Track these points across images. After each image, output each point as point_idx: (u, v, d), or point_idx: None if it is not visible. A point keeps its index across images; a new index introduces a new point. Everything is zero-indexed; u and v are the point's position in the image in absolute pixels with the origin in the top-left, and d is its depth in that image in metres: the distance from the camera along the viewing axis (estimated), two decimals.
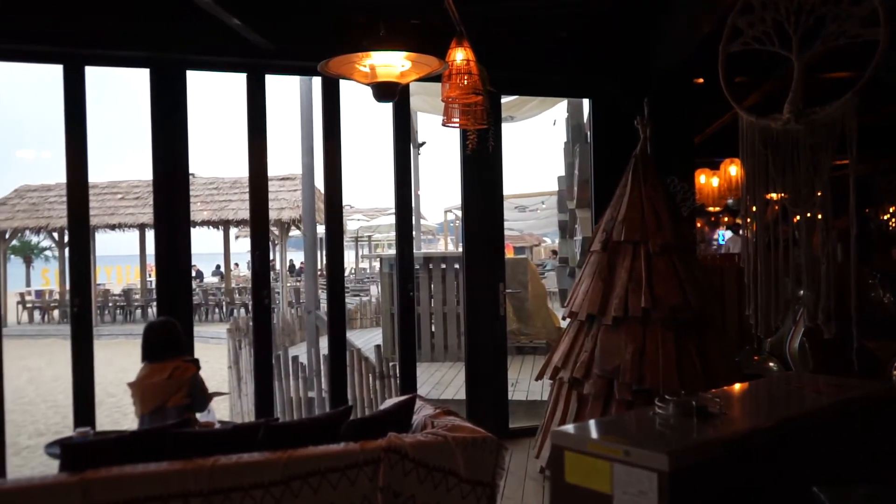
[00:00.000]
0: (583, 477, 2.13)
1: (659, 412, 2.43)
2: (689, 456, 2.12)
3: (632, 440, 2.18)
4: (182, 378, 4.17)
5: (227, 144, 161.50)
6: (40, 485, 2.74)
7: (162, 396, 4.13)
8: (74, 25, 5.03)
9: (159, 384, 4.15)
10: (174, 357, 4.23)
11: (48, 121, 52.11)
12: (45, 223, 21.22)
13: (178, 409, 4.11)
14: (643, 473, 2.01)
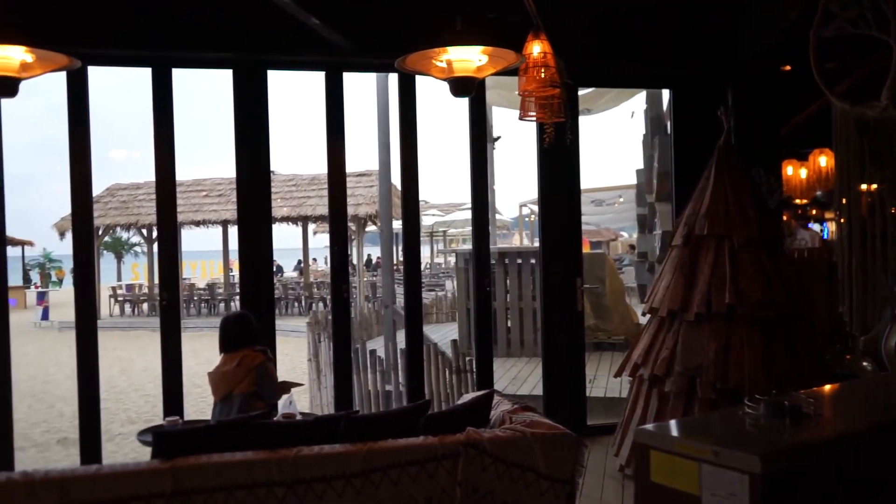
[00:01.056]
0: (669, 477, 2.08)
1: (749, 412, 2.35)
2: (782, 458, 2.04)
3: (721, 440, 2.11)
4: (249, 366, 4.29)
5: (305, 142, 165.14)
6: (135, 470, 2.85)
7: (229, 384, 4.28)
8: (163, 30, 5.22)
9: (228, 372, 4.30)
10: (245, 345, 4.37)
11: (138, 122, 54.34)
12: (134, 220, 22.14)
13: (245, 396, 4.22)
14: (733, 475, 1.94)
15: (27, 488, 2.71)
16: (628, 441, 5.05)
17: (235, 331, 4.43)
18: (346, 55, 5.43)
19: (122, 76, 72.84)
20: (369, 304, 14.24)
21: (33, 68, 3.50)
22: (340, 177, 5.64)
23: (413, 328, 5.77)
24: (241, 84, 5.42)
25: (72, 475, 2.81)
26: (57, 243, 23.82)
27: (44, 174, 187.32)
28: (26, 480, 2.74)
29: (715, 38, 5.96)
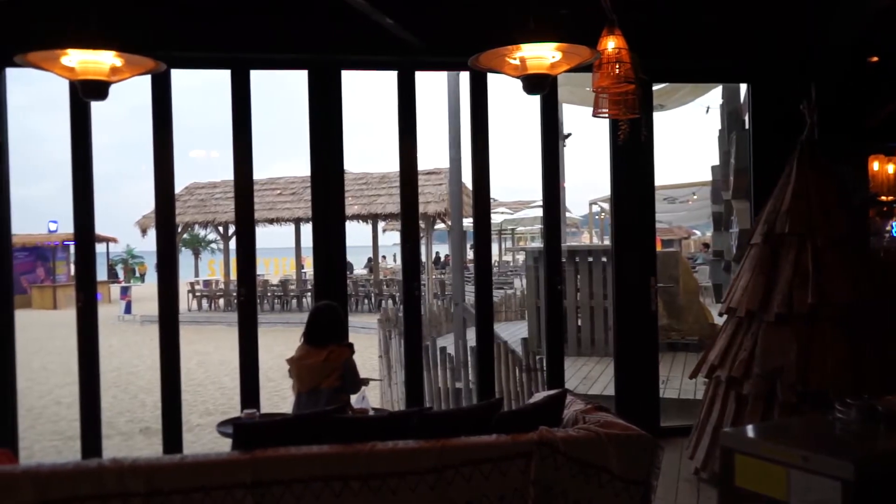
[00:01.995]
0: (755, 482, 2.02)
1: (840, 416, 2.26)
2: (877, 465, 1.96)
3: (810, 445, 2.04)
4: (336, 361, 4.35)
5: (375, 140, 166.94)
6: (216, 461, 2.94)
7: (317, 378, 4.34)
8: (241, 33, 5.36)
9: (316, 366, 4.35)
10: (332, 340, 4.42)
11: (217, 123, 55.90)
12: (211, 218, 22.81)
13: (331, 390, 4.30)
14: (825, 481, 1.87)
15: (117, 474, 2.83)
16: (704, 444, 4.93)
17: (325, 324, 4.48)
18: (418, 54, 5.47)
19: (202, 78, 75.19)
20: (438, 302, 14.30)
21: (122, 72, 3.64)
22: (412, 175, 5.68)
23: (484, 326, 5.77)
24: (316, 84, 5.52)
25: (158, 463, 2.92)
26: (139, 240, 24.75)
27: (126, 174, 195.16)
28: (116, 467, 2.85)
29: (797, 29, 5.76)
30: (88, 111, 5.36)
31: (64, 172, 5.68)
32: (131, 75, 3.73)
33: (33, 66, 3.61)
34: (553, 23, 3.56)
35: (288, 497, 2.88)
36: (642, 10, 5.42)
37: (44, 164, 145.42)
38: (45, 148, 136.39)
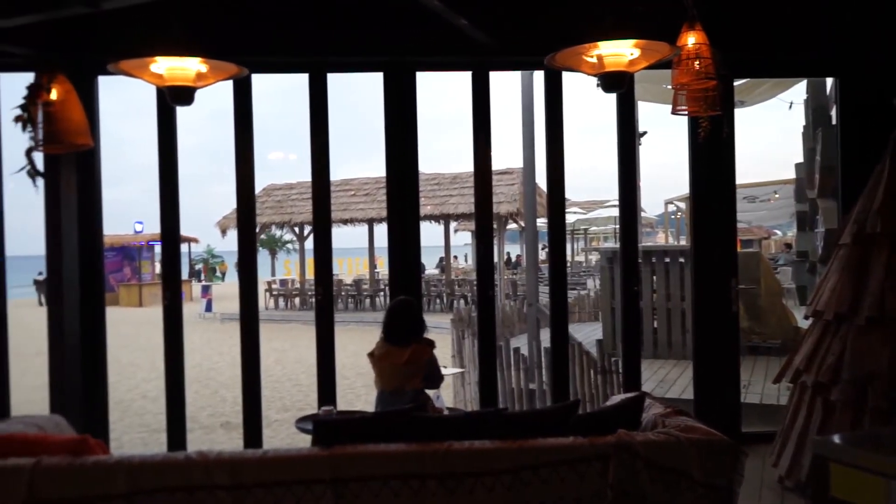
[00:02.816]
0: (851, 492, 1.94)
1: None
2: None
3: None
4: (420, 361, 4.36)
5: (446, 141, 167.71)
6: (297, 456, 3.01)
7: (400, 378, 4.36)
8: (318, 37, 5.46)
9: (398, 366, 4.36)
10: (412, 338, 4.41)
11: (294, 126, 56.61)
12: (287, 218, 23.35)
13: (416, 391, 4.33)
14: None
15: (203, 467, 2.92)
16: (789, 451, 4.77)
17: (403, 321, 4.48)
18: (492, 54, 5.46)
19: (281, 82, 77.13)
20: (511, 302, 14.26)
21: (207, 77, 3.76)
22: (486, 176, 5.68)
23: (558, 327, 5.72)
24: (391, 86, 5.57)
25: (241, 457, 3.00)
26: (219, 240, 25.54)
27: (205, 176, 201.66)
28: (202, 459, 2.95)
29: (888, 19, 5.49)
30: (174, 116, 5.56)
31: (148, 175, 5.93)
32: (215, 80, 3.84)
33: (124, 74, 3.77)
34: (631, 19, 3.51)
35: (366, 494, 2.92)
36: (724, 2, 5.28)
37: (129, 168, 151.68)
38: (130, 152, 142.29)
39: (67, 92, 4.10)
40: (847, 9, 5.56)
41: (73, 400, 5.37)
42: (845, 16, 5.56)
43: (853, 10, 5.55)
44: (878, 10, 5.54)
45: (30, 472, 2.88)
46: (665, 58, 3.69)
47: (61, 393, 5.40)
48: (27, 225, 5.63)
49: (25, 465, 2.90)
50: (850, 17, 5.56)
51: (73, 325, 5.43)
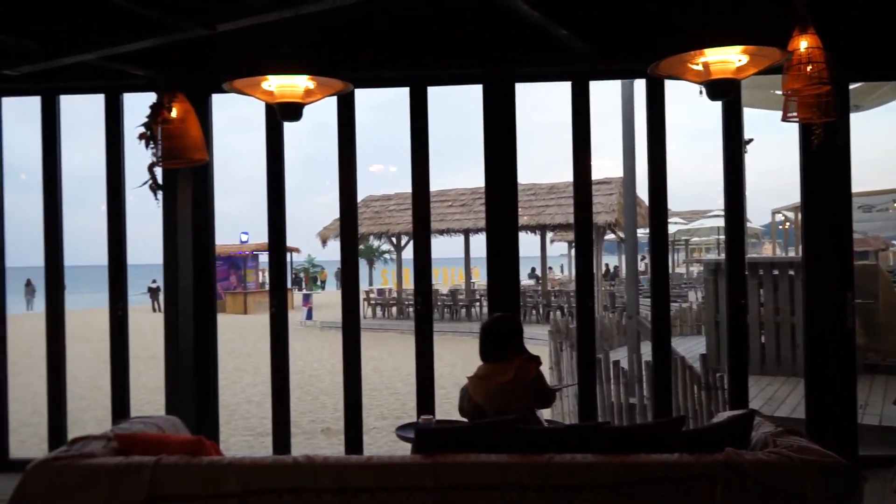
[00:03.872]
0: None
1: None
2: None
3: None
4: (526, 379, 4.07)
5: (542, 150, 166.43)
6: (400, 463, 3.06)
7: (507, 399, 4.03)
8: (418, 51, 5.56)
9: (504, 386, 4.06)
10: (514, 355, 4.12)
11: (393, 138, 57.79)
12: (385, 229, 23.80)
13: (524, 410, 4.02)
14: None
15: (310, 470, 3.02)
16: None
17: (502, 338, 4.18)
18: (592, 63, 5.42)
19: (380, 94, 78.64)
20: (609, 314, 14.02)
21: (314, 94, 3.90)
22: (586, 186, 5.63)
23: (660, 340, 5.59)
24: (490, 97, 5.61)
25: (347, 462, 3.08)
26: (319, 250, 26.26)
27: (306, 187, 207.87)
28: (309, 463, 3.05)
29: None
30: (282, 131, 5.78)
31: (252, 187, 6.21)
32: (322, 96, 3.98)
33: (238, 92, 3.96)
34: (739, 25, 3.41)
35: (466, 503, 2.94)
36: (838, 3, 5.06)
37: (233, 180, 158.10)
38: (235, 164, 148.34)
39: (186, 111, 4.35)
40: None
41: (186, 402, 5.64)
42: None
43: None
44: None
45: (151, 470, 3.05)
46: (775, 63, 3.57)
47: (176, 395, 5.69)
48: (139, 235, 5.98)
49: (147, 463, 3.08)
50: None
51: (188, 331, 5.71)
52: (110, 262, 5.93)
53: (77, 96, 6.12)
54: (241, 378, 13.86)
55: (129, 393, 6.00)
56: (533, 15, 4.56)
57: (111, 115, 5.86)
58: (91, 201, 30.29)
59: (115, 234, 5.90)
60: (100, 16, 4.51)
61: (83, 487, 3.05)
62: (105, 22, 4.58)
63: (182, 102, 4.36)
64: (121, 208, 5.90)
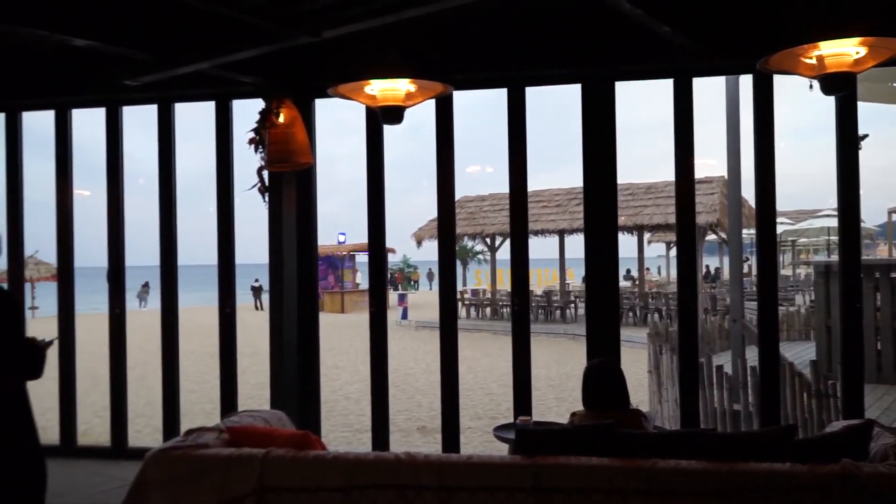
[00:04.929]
0: None
1: None
2: None
3: None
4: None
5: (639, 149, 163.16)
6: (500, 463, 3.08)
7: None
8: (516, 52, 5.55)
9: None
10: (619, 406, 3.81)
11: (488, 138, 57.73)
12: (479, 230, 23.86)
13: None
14: None
15: (412, 468, 3.08)
16: None
17: (608, 386, 3.88)
18: (695, 60, 5.27)
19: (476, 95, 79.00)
20: (710, 317, 13.59)
21: (415, 97, 3.97)
22: (688, 186, 5.47)
23: (768, 345, 5.38)
24: (589, 97, 5.54)
25: (447, 461, 3.12)
26: (414, 250, 26.59)
27: (401, 188, 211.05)
28: (410, 461, 3.10)
29: None
30: (382, 134, 5.89)
31: (348, 188, 6.35)
32: (423, 99, 4.05)
33: (342, 97, 4.07)
34: (858, 15, 3.25)
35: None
36: None
37: (331, 181, 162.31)
38: (332, 167, 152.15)
39: (294, 116, 4.51)
40: None
41: (290, 397, 5.83)
42: None
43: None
44: None
45: (260, 462, 3.18)
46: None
47: (280, 390, 5.89)
48: (241, 236, 6.22)
49: (257, 455, 3.21)
50: None
51: (291, 329, 5.90)
52: (220, 263, 6.20)
53: (186, 104, 6.42)
54: (339, 375, 14.20)
55: (237, 387, 6.25)
56: (635, 12, 4.48)
57: (221, 121, 6.12)
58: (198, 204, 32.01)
59: (225, 236, 6.17)
60: (212, 27, 4.72)
61: (198, 476, 3.20)
62: (217, 32, 4.79)
63: (289, 108, 4.52)
64: (230, 210, 6.16)
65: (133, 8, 4.64)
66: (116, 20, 4.80)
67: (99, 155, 6.50)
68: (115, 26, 4.80)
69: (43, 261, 25.21)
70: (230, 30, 4.66)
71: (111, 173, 6.39)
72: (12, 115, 6.54)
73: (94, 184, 7.84)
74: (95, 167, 6.89)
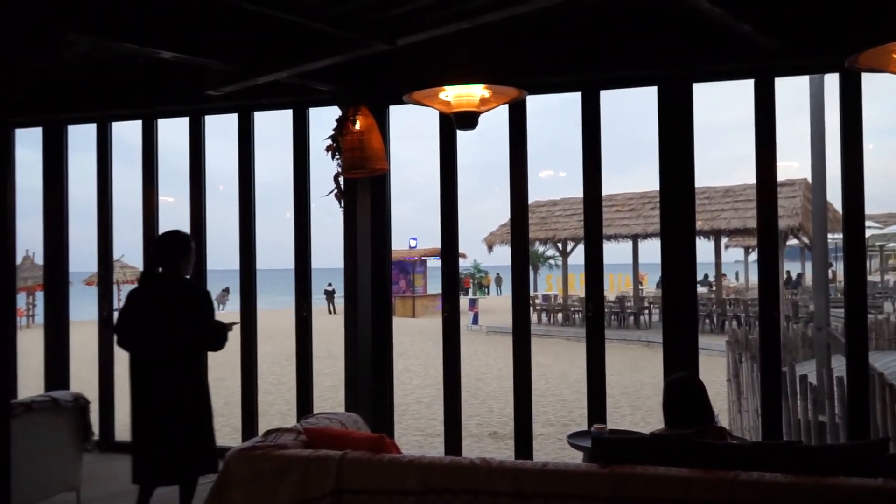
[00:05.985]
0: None
1: None
2: None
3: None
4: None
5: (716, 150, 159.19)
6: (576, 471, 3.05)
7: None
8: (590, 55, 5.48)
9: None
10: (703, 423, 3.67)
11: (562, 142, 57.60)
12: (551, 235, 23.68)
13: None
14: None
15: (486, 472, 3.07)
16: None
17: (691, 403, 3.75)
18: (778, 59, 5.10)
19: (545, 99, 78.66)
20: (792, 325, 13.13)
21: (489, 102, 3.97)
22: (771, 189, 5.30)
23: (856, 355, 5.15)
24: (665, 99, 5.44)
25: (522, 467, 3.11)
26: (485, 255, 26.57)
27: (472, 192, 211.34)
28: (485, 466, 3.10)
29: None
30: (455, 140, 5.92)
31: (417, 193, 6.41)
32: (497, 104, 4.04)
33: (416, 104, 4.10)
34: None
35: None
36: None
37: (401, 186, 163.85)
38: (402, 172, 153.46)
39: (370, 123, 4.57)
40: None
41: (364, 400, 5.90)
42: None
43: None
44: None
45: (338, 463, 3.23)
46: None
47: (355, 393, 5.97)
48: (314, 241, 6.34)
49: (334, 457, 3.26)
50: None
51: (366, 332, 5.98)
52: (297, 267, 6.33)
53: (264, 112, 6.58)
54: (411, 379, 14.29)
55: (313, 389, 6.37)
56: (714, 11, 4.37)
57: (298, 128, 6.27)
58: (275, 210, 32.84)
59: (301, 241, 6.31)
60: (290, 37, 4.84)
61: (278, 475, 3.28)
62: (295, 42, 4.91)
63: (365, 115, 4.59)
64: (306, 216, 6.30)
65: (216, 20, 4.80)
66: (200, 32, 4.96)
67: (180, 162, 6.74)
68: (199, 38, 4.97)
69: (128, 264, 26.31)
70: (308, 39, 4.77)
71: (194, 180, 6.62)
72: (103, 126, 6.85)
73: (176, 190, 8.14)
74: (178, 174, 7.14)
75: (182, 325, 4.60)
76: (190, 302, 4.70)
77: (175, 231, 4.89)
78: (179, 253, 4.75)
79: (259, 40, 5.11)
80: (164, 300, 4.66)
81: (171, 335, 4.58)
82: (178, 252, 4.75)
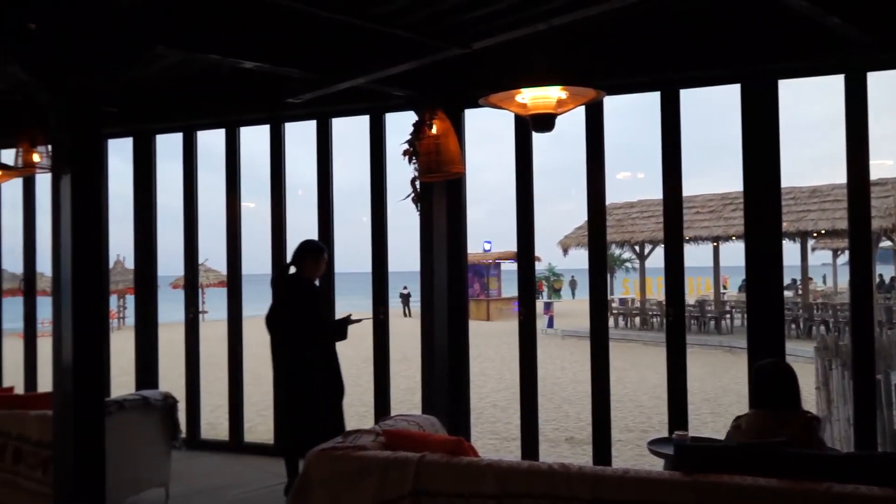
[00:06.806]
0: None
1: None
2: None
3: None
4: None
5: (801, 149, 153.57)
6: (658, 478, 2.98)
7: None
8: (669, 54, 5.37)
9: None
10: (790, 408, 3.60)
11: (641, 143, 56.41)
12: (628, 237, 23.25)
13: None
14: None
15: (565, 478, 3.04)
16: None
17: (774, 386, 3.66)
18: (870, 53, 4.88)
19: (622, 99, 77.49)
20: (886, 331, 12.53)
21: (566, 104, 3.92)
22: (863, 189, 5.07)
23: None
24: (749, 97, 5.28)
25: (602, 473, 3.06)
26: (560, 258, 26.31)
27: (546, 195, 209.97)
28: (564, 471, 3.07)
29: None
30: (531, 142, 5.89)
31: (490, 196, 6.38)
32: (574, 106, 3.99)
33: (492, 107, 4.09)
34: None
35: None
36: None
37: (475, 189, 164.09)
38: (476, 175, 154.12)
39: (446, 127, 4.60)
40: None
41: (441, 402, 5.93)
42: None
43: None
44: None
45: (416, 465, 3.26)
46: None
47: (431, 395, 6.01)
48: (393, 244, 6.41)
49: (413, 459, 3.29)
50: None
51: (442, 335, 6.01)
52: (374, 271, 6.42)
53: (342, 118, 6.69)
54: (486, 383, 14.26)
55: (390, 391, 6.43)
56: (800, 4, 4.22)
57: (375, 133, 6.36)
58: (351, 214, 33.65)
59: (378, 245, 6.40)
60: (368, 44, 4.91)
61: (358, 476, 3.33)
62: (372, 49, 4.99)
63: (442, 119, 4.62)
64: (383, 220, 6.38)
65: (295, 30, 4.92)
66: (281, 42, 5.10)
67: (261, 169, 6.93)
68: (279, 48, 5.11)
69: (212, 268, 27.19)
70: (385, 46, 4.83)
71: (274, 186, 6.80)
72: (188, 135, 7.11)
73: (258, 196, 8.36)
74: (260, 180, 7.34)
75: (302, 319, 5.32)
76: (307, 299, 5.40)
77: (308, 239, 5.61)
78: (310, 257, 5.46)
79: (337, 48, 5.21)
80: (289, 298, 5.47)
81: (294, 328, 5.34)
82: (309, 256, 5.47)
